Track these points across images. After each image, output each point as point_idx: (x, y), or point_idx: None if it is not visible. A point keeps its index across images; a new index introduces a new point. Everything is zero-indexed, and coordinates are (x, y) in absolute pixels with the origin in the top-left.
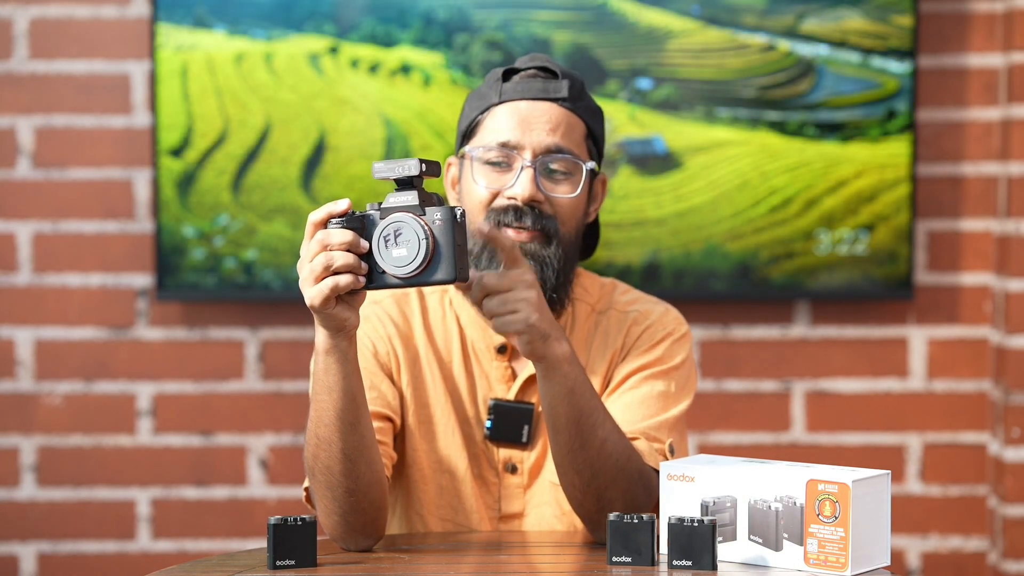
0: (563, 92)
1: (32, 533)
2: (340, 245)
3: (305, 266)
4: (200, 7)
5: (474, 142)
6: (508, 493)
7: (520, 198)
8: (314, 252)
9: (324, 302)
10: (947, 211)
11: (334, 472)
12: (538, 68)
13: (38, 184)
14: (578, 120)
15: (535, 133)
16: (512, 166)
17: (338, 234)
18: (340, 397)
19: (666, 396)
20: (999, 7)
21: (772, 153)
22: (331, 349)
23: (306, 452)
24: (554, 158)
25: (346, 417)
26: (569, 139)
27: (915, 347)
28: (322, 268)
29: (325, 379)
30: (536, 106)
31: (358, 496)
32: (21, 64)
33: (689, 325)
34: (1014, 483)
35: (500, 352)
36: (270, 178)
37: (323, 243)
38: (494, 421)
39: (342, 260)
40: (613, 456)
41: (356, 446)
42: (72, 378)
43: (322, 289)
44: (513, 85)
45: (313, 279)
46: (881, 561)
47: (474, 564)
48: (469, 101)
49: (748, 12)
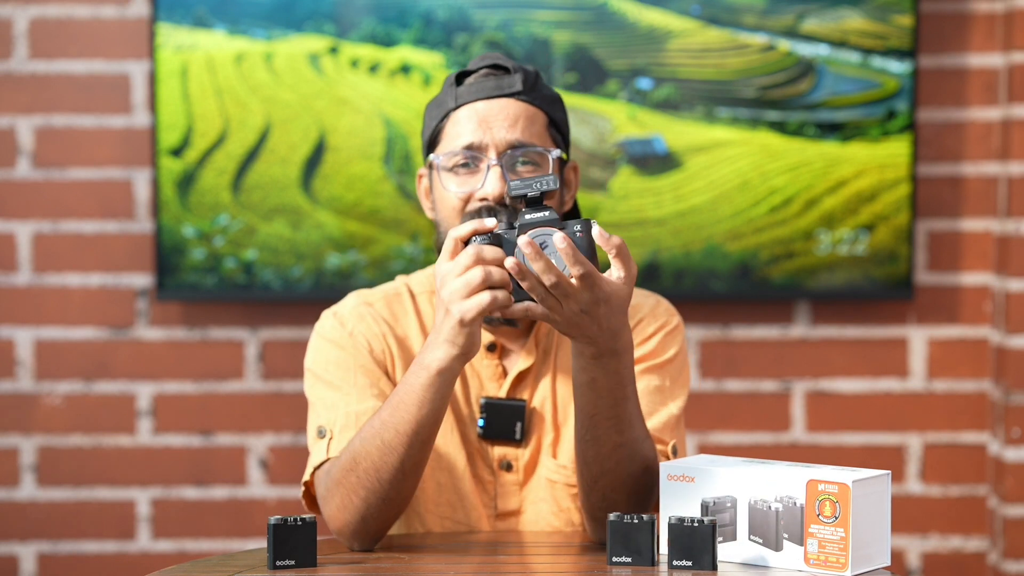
0: (517, 86)
1: (32, 533)
2: (494, 261)
3: (454, 280)
4: (200, 7)
5: (438, 150)
6: (504, 491)
7: (492, 197)
8: (466, 266)
9: (479, 315)
10: (947, 211)
11: (382, 478)
12: (489, 67)
13: (38, 184)
14: (536, 111)
15: (496, 131)
16: (479, 167)
17: (490, 250)
18: (429, 415)
19: (661, 391)
20: (999, 7)
21: (772, 153)
22: (446, 370)
23: (353, 448)
24: (519, 152)
25: (422, 434)
26: (530, 131)
27: (915, 347)
28: (479, 282)
29: (422, 394)
30: (493, 104)
31: (391, 506)
32: (21, 64)
33: (689, 325)
34: (1014, 483)
35: (490, 350)
36: (270, 178)
37: (478, 258)
38: (486, 419)
39: (499, 275)
40: (625, 463)
41: (417, 462)
42: (72, 378)
43: (480, 302)
44: (467, 87)
45: (468, 292)
46: (881, 561)
47: (474, 564)
48: (428, 111)
49: (748, 12)
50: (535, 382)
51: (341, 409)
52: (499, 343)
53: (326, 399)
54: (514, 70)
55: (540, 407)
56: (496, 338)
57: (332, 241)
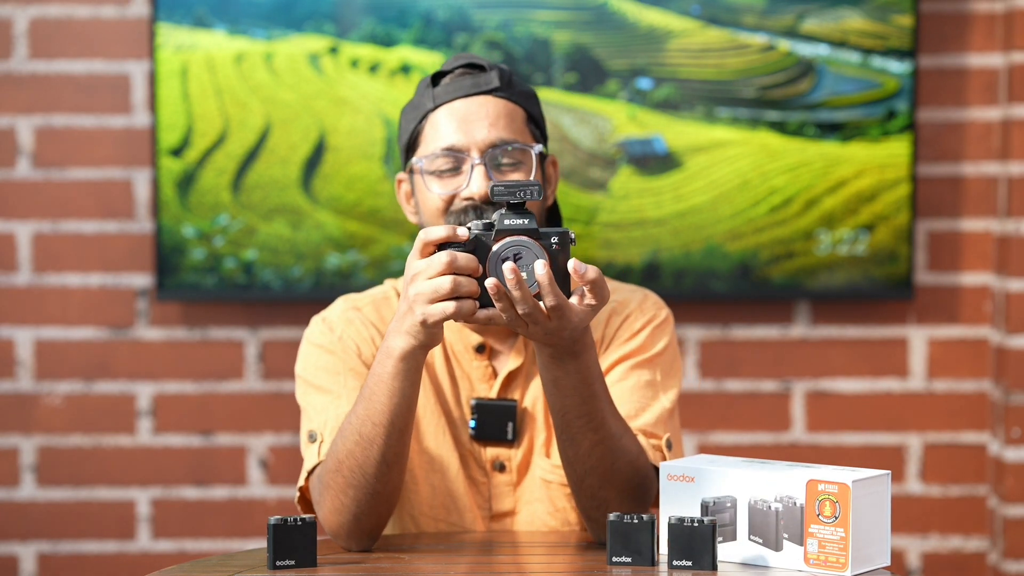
0: (495, 83)
1: (32, 533)
2: (466, 270)
3: (423, 282)
4: (200, 7)
5: (419, 152)
6: (498, 492)
7: (477, 196)
8: (437, 271)
9: (441, 321)
10: (947, 211)
11: (367, 473)
12: (464, 66)
13: (38, 184)
14: (515, 107)
15: (476, 130)
16: (461, 168)
17: (464, 258)
18: (400, 403)
19: (653, 385)
20: (999, 7)
21: (772, 153)
22: (409, 357)
23: (336, 448)
24: (501, 150)
25: (398, 423)
26: (511, 128)
27: (915, 347)
28: (448, 290)
29: (390, 383)
30: (471, 102)
31: (380, 500)
32: (21, 64)
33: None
34: (1014, 483)
35: (479, 351)
36: (270, 178)
37: (450, 265)
38: (478, 420)
39: (467, 287)
40: (608, 460)
41: (397, 452)
42: (72, 378)
43: (444, 309)
44: (444, 88)
45: (435, 298)
46: (881, 561)
47: (474, 565)
48: (404, 114)
49: (748, 12)
50: (525, 382)
51: (331, 412)
52: (488, 344)
53: (316, 404)
54: (489, 68)
55: (531, 407)
56: (485, 339)
57: (332, 241)
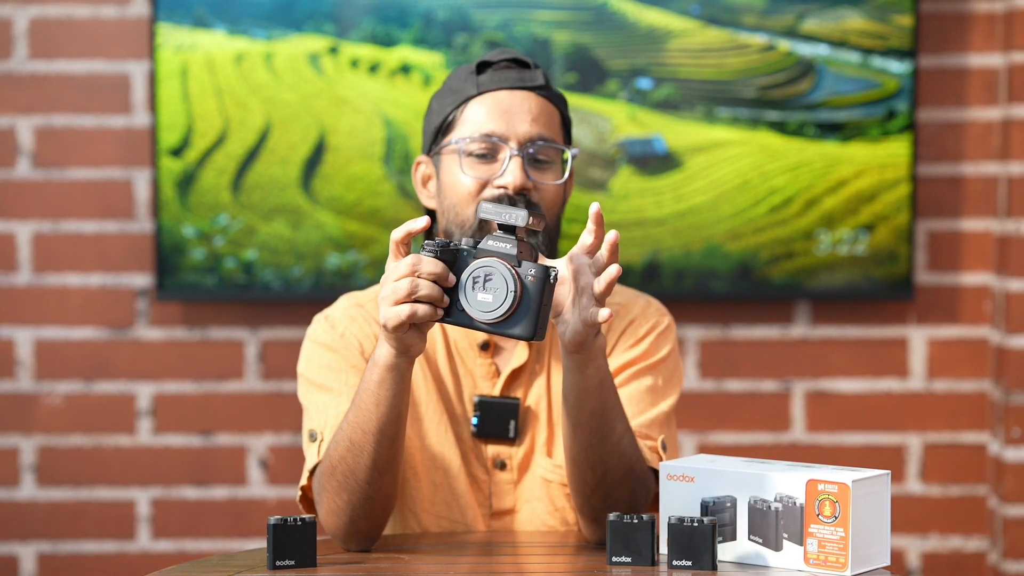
0: (539, 80)
1: (32, 533)
2: (429, 275)
3: (388, 285)
4: (200, 7)
5: (455, 134)
6: (499, 489)
7: (511, 186)
8: (401, 274)
9: (398, 326)
10: (947, 211)
11: (359, 479)
12: (510, 60)
13: (38, 184)
14: (554, 108)
15: (519, 122)
16: (497, 156)
17: (429, 263)
18: (387, 412)
19: (654, 390)
20: (999, 7)
21: (772, 153)
22: (392, 367)
23: (330, 452)
24: (539, 147)
25: (387, 431)
26: (550, 127)
27: (915, 347)
28: (405, 293)
29: (377, 391)
30: (516, 95)
31: (375, 504)
32: (21, 64)
33: (689, 325)
34: (1014, 483)
35: (483, 349)
36: (270, 178)
37: (413, 268)
38: (480, 418)
39: (426, 290)
40: (627, 454)
41: (388, 459)
42: (72, 378)
43: (399, 313)
44: (489, 76)
45: (394, 300)
46: (881, 561)
47: (474, 565)
48: (439, 98)
49: (748, 12)
50: (529, 380)
51: (332, 410)
52: (492, 341)
53: (318, 402)
54: (534, 66)
55: (535, 405)
56: (489, 336)
57: (332, 241)
